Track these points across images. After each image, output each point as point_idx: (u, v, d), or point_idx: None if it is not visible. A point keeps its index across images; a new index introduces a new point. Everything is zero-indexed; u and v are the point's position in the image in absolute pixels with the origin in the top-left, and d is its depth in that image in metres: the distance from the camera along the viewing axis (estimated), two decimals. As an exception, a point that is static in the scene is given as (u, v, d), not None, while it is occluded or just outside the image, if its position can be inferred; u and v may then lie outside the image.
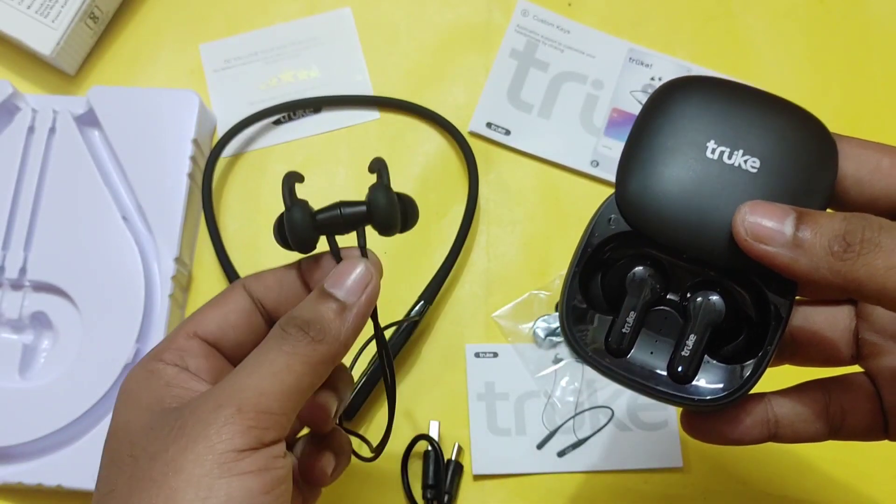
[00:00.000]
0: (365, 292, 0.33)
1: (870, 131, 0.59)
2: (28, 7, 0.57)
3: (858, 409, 0.36)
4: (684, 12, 0.62)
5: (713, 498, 0.52)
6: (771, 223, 0.30)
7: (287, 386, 0.31)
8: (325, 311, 0.33)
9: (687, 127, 0.32)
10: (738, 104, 0.33)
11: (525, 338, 0.54)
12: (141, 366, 0.34)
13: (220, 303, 0.36)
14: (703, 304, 0.33)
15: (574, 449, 0.52)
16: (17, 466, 0.50)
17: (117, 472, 0.31)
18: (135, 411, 0.32)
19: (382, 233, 0.35)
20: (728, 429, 0.35)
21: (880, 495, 0.52)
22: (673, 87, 0.34)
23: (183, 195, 0.54)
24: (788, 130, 0.33)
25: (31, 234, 0.54)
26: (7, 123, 0.55)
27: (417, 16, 0.62)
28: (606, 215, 0.33)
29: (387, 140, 0.59)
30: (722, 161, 0.32)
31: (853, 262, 0.28)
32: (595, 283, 0.35)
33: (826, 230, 0.29)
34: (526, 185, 0.58)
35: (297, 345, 0.32)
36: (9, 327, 0.53)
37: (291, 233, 0.34)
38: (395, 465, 0.51)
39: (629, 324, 0.33)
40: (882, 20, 0.62)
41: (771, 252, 0.30)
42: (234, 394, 0.30)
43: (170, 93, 0.57)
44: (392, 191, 0.35)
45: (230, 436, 0.29)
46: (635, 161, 0.33)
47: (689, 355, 0.33)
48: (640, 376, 0.33)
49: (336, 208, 0.34)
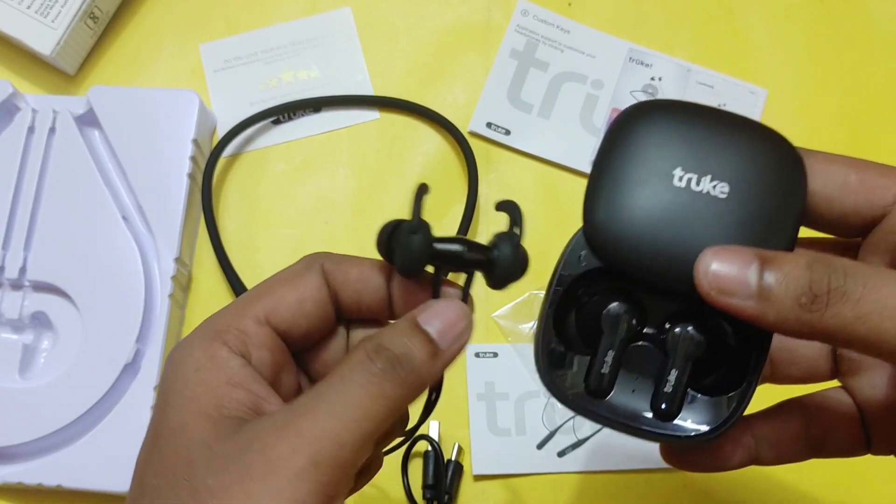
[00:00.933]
0: (458, 341, 0.30)
1: (870, 131, 0.59)
2: (28, 7, 0.57)
3: (839, 427, 0.35)
4: (684, 12, 0.62)
5: (713, 498, 0.52)
6: (734, 272, 0.29)
7: (367, 433, 0.28)
8: (419, 349, 0.29)
9: (652, 155, 0.31)
10: (702, 128, 0.32)
11: (525, 338, 0.54)
12: (201, 344, 0.30)
13: (296, 285, 0.32)
14: (682, 337, 0.32)
15: (574, 449, 0.52)
16: (17, 466, 0.50)
17: (168, 490, 0.28)
18: (191, 414, 0.29)
19: (492, 285, 0.32)
20: (709, 458, 0.35)
21: (879, 497, 0.52)
22: (634, 113, 0.32)
23: (183, 195, 0.54)
24: (755, 151, 0.31)
25: (31, 234, 0.54)
26: (7, 123, 0.55)
27: (417, 16, 0.62)
28: (576, 252, 0.32)
29: (387, 140, 0.59)
30: (690, 188, 0.31)
31: (822, 313, 0.27)
32: (570, 322, 0.33)
33: (791, 280, 0.28)
34: (526, 185, 0.58)
35: (384, 385, 0.28)
36: (9, 327, 0.53)
37: (404, 254, 0.30)
38: (395, 465, 0.51)
39: (608, 363, 0.32)
40: (882, 20, 0.62)
41: (737, 305, 0.28)
42: (310, 441, 0.27)
43: (170, 93, 0.57)
44: (523, 248, 0.32)
45: (302, 495, 0.27)
46: (602, 194, 0.32)
47: (672, 391, 0.31)
48: (624, 416, 0.32)
49: (459, 244, 0.31)
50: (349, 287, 0.32)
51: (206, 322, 0.31)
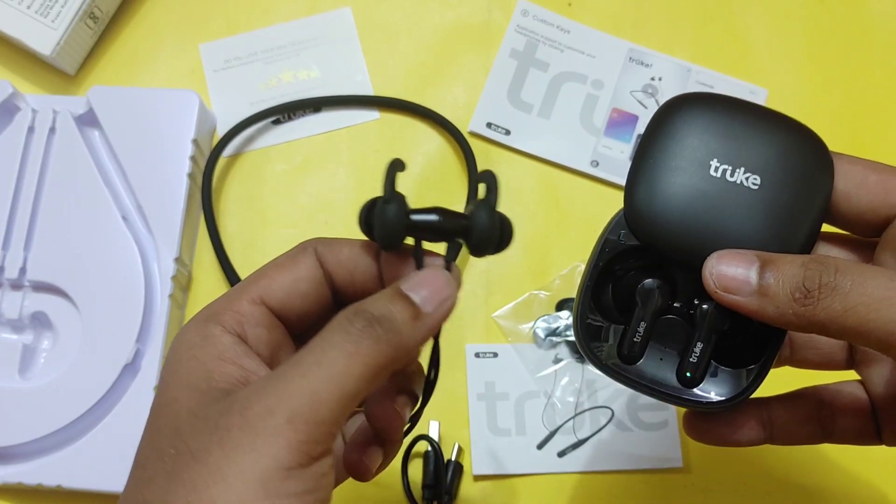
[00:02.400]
0: (442, 306, 0.31)
1: (870, 131, 0.59)
2: (28, 7, 0.57)
3: (849, 414, 0.37)
4: (684, 12, 0.62)
5: (713, 498, 0.52)
6: (737, 273, 0.32)
7: (344, 392, 0.28)
8: (399, 311, 0.30)
9: (691, 146, 0.34)
10: (739, 122, 0.34)
11: (525, 338, 0.54)
12: (196, 327, 0.31)
13: (289, 266, 0.33)
14: (708, 313, 0.34)
15: (574, 449, 0.52)
16: (17, 466, 0.50)
17: (157, 459, 0.29)
18: (182, 388, 0.30)
19: (474, 252, 0.33)
20: (727, 431, 0.37)
21: (878, 496, 0.52)
22: (675, 105, 0.35)
23: (183, 195, 0.54)
24: (789, 148, 0.34)
25: (31, 234, 0.54)
26: (7, 123, 0.55)
27: (417, 16, 0.62)
28: (617, 231, 0.35)
29: (387, 140, 0.59)
30: (725, 179, 0.34)
31: (814, 307, 0.30)
32: (606, 295, 0.36)
33: (787, 277, 0.31)
34: (526, 185, 0.58)
35: (361, 344, 0.29)
36: (9, 327, 0.53)
37: (380, 226, 0.32)
38: (395, 465, 0.51)
39: (640, 333, 0.35)
40: (882, 20, 0.62)
41: (740, 301, 0.32)
42: (286, 399, 0.28)
43: (170, 93, 0.57)
44: (498, 213, 0.33)
45: (277, 450, 0.27)
46: (642, 179, 0.34)
47: (697, 361, 0.34)
48: (651, 381, 0.35)
49: (434, 213, 0.32)
50: (341, 267, 0.34)
51: (205, 307, 0.32)
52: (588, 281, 0.36)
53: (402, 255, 0.33)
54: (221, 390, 0.30)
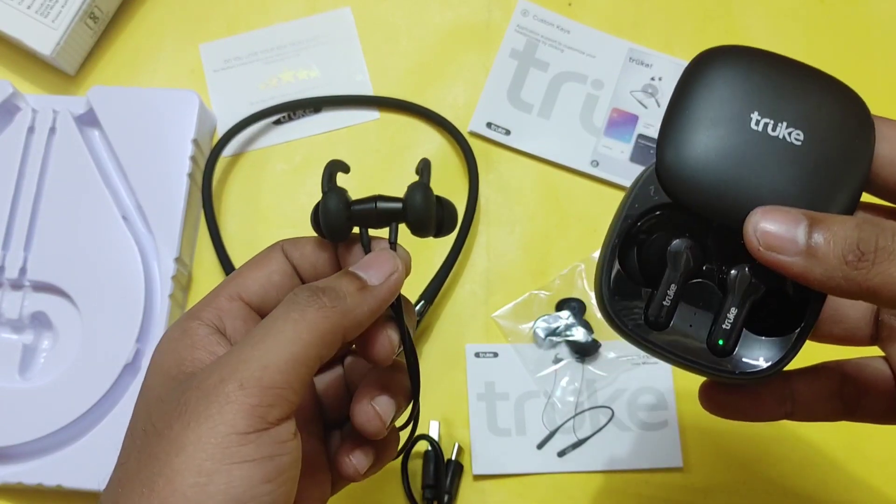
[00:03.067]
0: (388, 279, 0.33)
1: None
2: (28, 7, 0.57)
3: (873, 391, 0.36)
4: (684, 12, 0.62)
5: (713, 498, 0.52)
6: (783, 231, 0.30)
7: (292, 357, 0.30)
8: (345, 284, 0.32)
9: (730, 97, 0.32)
10: (781, 75, 0.32)
11: (525, 338, 0.54)
12: (178, 323, 0.33)
13: (261, 264, 0.35)
14: (743, 278, 0.32)
15: (574, 449, 0.52)
16: (17, 466, 0.50)
17: (131, 443, 0.31)
18: (157, 375, 0.32)
19: (415, 233, 0.35)
20: (748, 405, 0.36)
21: (879, 496, 0.52)
22: (714, 55, 0.33)
23: (183, 195, 0.54)
24: (831, 104, 0.32)
25: (31, 234, 0.54)
26: (7, 123, 0.55)
27: (417, 16, 0.62)
28: (647, 186, 0.33)
29: (387, 140, 0.59)
30: (766, 133, 0.31)
31: (868, 270, 0.28)
32: (630, 257, 0.34)
33: (839, 238, 0.29)
34: (526, 185, 0.58)
35: (307, 311, 0.31)
36: (9, 327, 0.53)
37: (325, 220, 0.34)
38: (395, 465, 0.51)
39: (669, 296, 0.33)
40: (882, 20, 0.62)
41: (784, 261, 0.29)
42: (237, 367, 0.29)
43: (170, 93, 0.57)
44: (431, 192, 0.35)
45: (232, 416, 0.28)
46: (676, 131, 0.32)
47: (730, 328, 0.32)
48: (680, 349, 0.33)
49: (372, 202, 0.34)
50: (305, 261, 0.36)
51: (189, 308, 0.35)
52: (615, 238, 0.33)
53: (355, 246, 0.35)
54: (188, 374, 0.31)
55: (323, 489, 0.38)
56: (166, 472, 0.28)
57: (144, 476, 0.29)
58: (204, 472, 0.28)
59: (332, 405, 0.39)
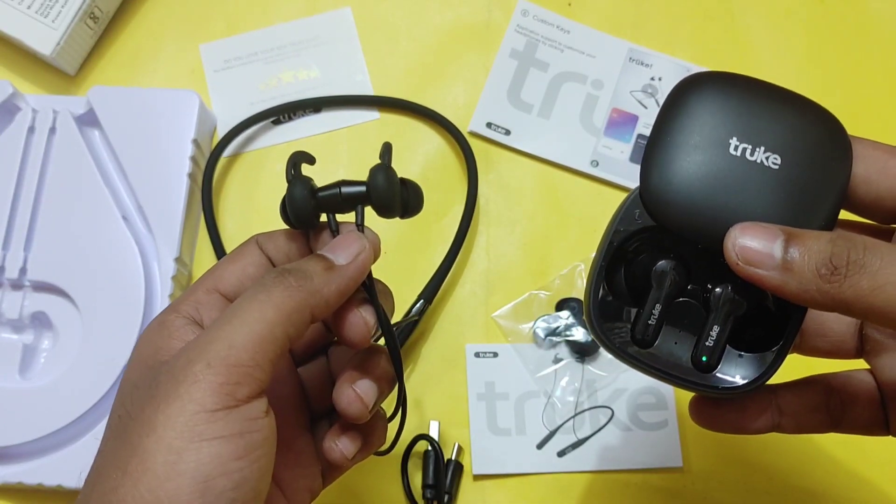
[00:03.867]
0: (356, 259, 0.34)
1: (870, 131, 0.59)
2: (28, 7, 0.57)
3: (858, 404, 0.37)
4: (684, 12, 0.62)
5: (713, 498, 0.52)
6: (760, 246, 0.31)
7: (258, 335, 0.30)
8: (311, 264, 0.33)
9: (710, 123, 0.33)
10: (759, 101, 0.34)
11: (525, 338, 0.54)
12: (158, 317, 0.34)
13: (236, 258, 0.36)
14: (725, 296, 0.33)
15: (574, 449, 0.52)
16: (17, 466, 0.50)
17: (109, 431, 0.31)
18: (135, 366, 0.33)
19: (381, 214, 0.35)
20: (736, 418, 0.37)
21: (879, 496, 0.52)
22: (692, 83, 0.34)
23: (183, 195, 0.54)
24: (808, 128, 0.33)
25: (31, 234, 0.54)
26: (7, 123, 0.55)
27: (417, 16, 0.62)
28: (632, 210, 0.34)
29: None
30: (745, 157, 0.33)
31: (840, 284, 0.29)
32: (618, 277, 0.35)
33: (813, 253, 0.30)
34: (526, 185, 0.58)
35: (273, 291, 0.31)
36: (9, 327, 0.53)
37: (291, 209, 0.35)
38: (395, 465, 0.51)
39: (654, 315, 0.34)
40: (882, 20, 0.62)
41: (762, 275, 0.30)
42: (204, 347, 0.30)
43: (170, 93, 0.57)
44: (393, 172, 0.35)
45: (200, 395, 0.29)
46: (659, 157, 0.33)
47: (713, 345, 0.34)
48: (665, 365, 0.34)
49: (336, 187, 0.35)
50: (279, 252, 0.37)
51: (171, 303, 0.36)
52: (601, 261, 0.34)
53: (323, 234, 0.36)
54: (162, 361, 0.32)
55: (313, 480, 0.38)
56: (139, 452, 0.29)
57: (118, 460, 0.29)
58: (174, 450, 0.28)
59: (317, 395, 0.40)
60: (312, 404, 0.40)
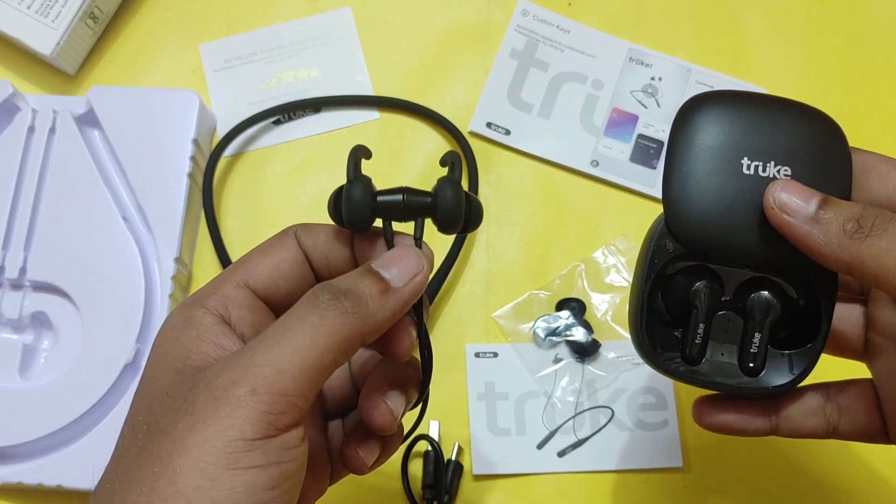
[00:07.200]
0: (412, 281, 0.32)
1: (870, 131, 0.59)
2: (28, 7, 0.57)
3: (855, 409, 0.38)
4: (684, 12, 0.62)
5: (713, 498, 0.52)
6: (797, 200, 0.33)
7: (308, 364, 0.29)
8: (367, 286, 0.31)
9: (720, 146, 0.35)
10: (758, 115, 0.35)
11: (525, 338, 0.54)
12: (181, 310, 0.32)
13: (272, 250, 0.34)
14: (760, 303, 0.36)
15: (574, 449, 0.52)
16: (17, 466, 0.50)
17: (132, 436, 0.30)
18: (161, 367, 0.31)
19: (442, 229, 0.33)
20: (734, 420, 0.38)
21: (879, 496, 0.52)
22: (694, 108, 0.36)
23: (183, 195, 0.54)
24: (809, 133, 0.35)
25: (31, 234, 0.54)
26: (7, 123, 0.55)
27: (417, 16, 0.62)
28: (662, 240, 0.36)
29: (387, 140, 0.59)
30: (758, 175, 0.35)
31: (861, 241, 0.31)
32: (655, 300, 0.37)
33: (844, 212, 0.32)
34: (526, 185, 0.58)
35: (326, 316, 0.29)
36: (9, 327, 0.53)
37: (348, 209, 0.32)
38: (395, 465, 0.51)
39: (699, 334, 0.37)
40: (882, 20, 0.62)
41: (791, 223, 0.33)
42: (250, 370, 0.28)
43: (170, 93, 0.57)
44: (461, 187, 0.33)
45: (241, 421, 0.28)
46: (679, 188, 0.35)
47: (757, 351, 0.36)
48: (718, 377, 0.37)
49: (399, 193, 0.33)
50: (318, 250, 0.34)
51: (193, 293, 0.33)
52: (643, 293, 0.36)
53: (374, 239, 0.34)
54: (195, 368, 0.30)
55: (322, 480, 0.37)
56: (168, 472, 0.27)
57: (144, 474, 0.28)
58: (207, 475, 0.27)
59: (334, 395, 0.39)
60: (327, 404, 0.39)
